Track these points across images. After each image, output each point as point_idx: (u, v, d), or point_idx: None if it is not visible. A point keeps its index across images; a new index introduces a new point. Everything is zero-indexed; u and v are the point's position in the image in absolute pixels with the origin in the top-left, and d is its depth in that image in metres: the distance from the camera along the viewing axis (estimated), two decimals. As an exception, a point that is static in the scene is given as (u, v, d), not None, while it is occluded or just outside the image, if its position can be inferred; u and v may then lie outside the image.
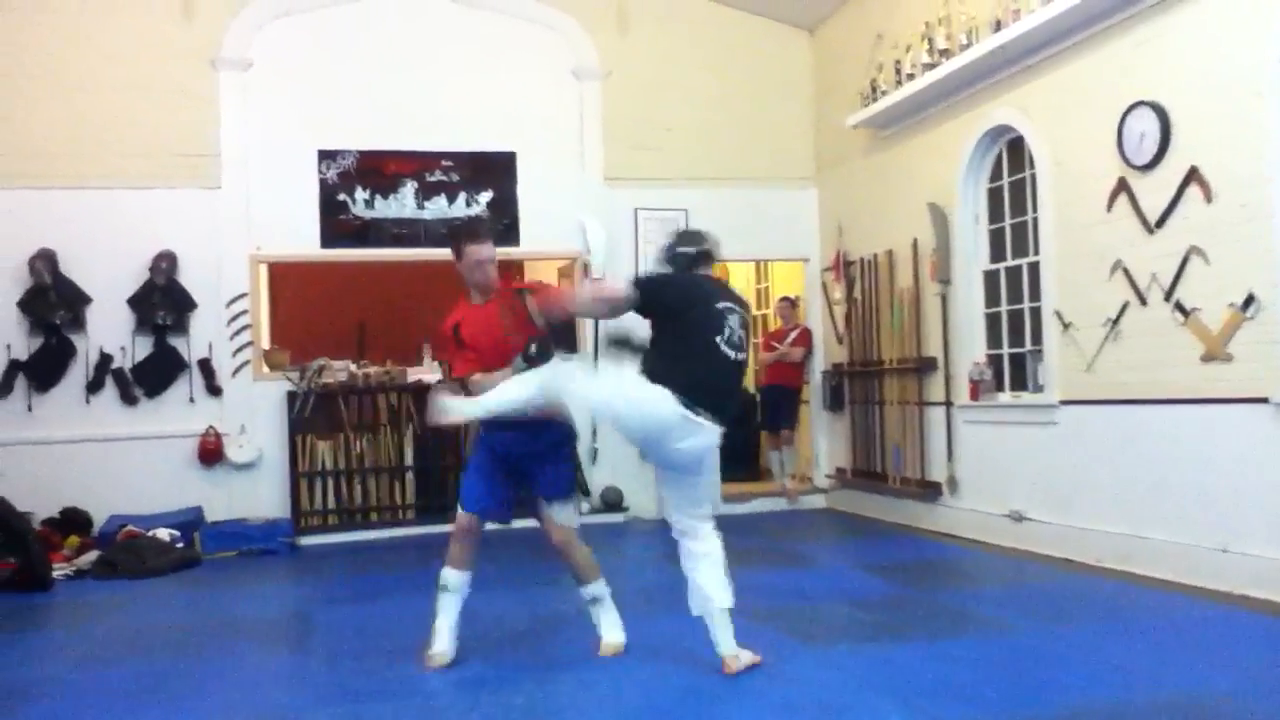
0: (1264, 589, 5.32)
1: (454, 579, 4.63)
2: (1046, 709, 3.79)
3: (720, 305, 4.30)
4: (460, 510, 4.68)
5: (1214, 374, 5.66)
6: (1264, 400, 5.36)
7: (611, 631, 4.74)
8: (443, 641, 4.64)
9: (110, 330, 8.58)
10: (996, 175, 7.68)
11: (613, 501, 9.33)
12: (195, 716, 4.09)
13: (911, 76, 7.99)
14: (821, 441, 10.06)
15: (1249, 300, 5.43)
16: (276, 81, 8.99)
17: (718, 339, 4.21)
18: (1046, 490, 6.97)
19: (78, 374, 8.53)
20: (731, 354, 4.23)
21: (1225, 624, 5.00)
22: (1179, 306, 5.86)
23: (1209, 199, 5.66)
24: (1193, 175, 5.75)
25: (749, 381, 12.10)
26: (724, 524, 4.44)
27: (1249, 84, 5.45)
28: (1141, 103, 6.05)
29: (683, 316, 4.22)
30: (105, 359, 8.56)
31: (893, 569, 6.57)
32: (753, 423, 10.71)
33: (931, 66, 7.73)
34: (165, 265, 8.61)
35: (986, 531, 7.52)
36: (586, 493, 9.24)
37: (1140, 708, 3.76)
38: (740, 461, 10.86)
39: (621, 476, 9.37)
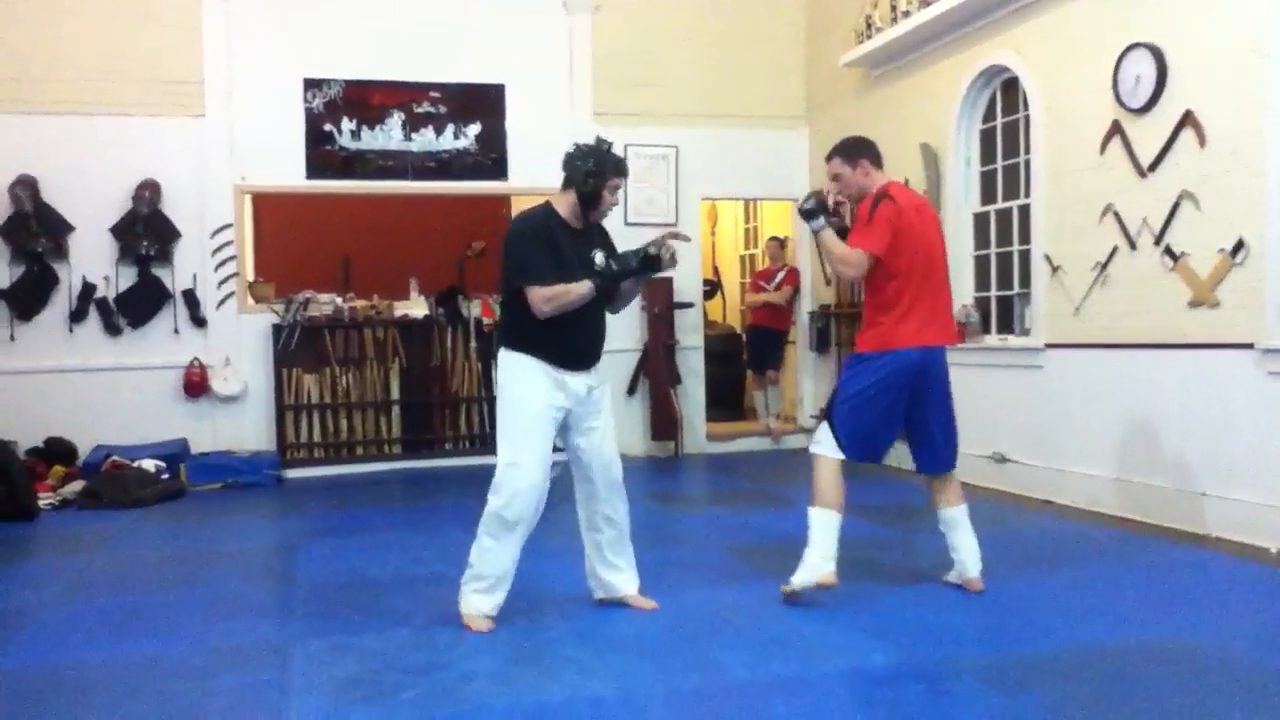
0: (1242, 533, 5.40)
1: None
2: (1026, 650, 3.84)
3: None
4: None
5: (1201, 319, 5.68)
6: (1249, 346, 5.38)
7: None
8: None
9: (93, 259, 8.48)
10: (989, 116, 7.62)
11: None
12: (183, 646, 4.11)
13: (908, 14, 7.89)
14: (807, 382, 10.09)
15: (1239, 246, 5.43)
16: (261, 8, 8.80)
17: None
18: (1030, 433, 7.02)
19: (60, 303, 8.45)
20: None
21: (1203, 568, 5.07)
22: (1169, 251, 5.85)
23: (1203, 144, 5.63)
24: (1187, 119, 5.71)
25: (735, 321, 12.18)
26: (710, 463, 4.45)
27: (1247, 35, 5.39)
28: (1138, 44, 5.99)
29: None
30: (88, 288, 8.47)
31: (875, 510, 6.61)
32: (739, 363, 10.79)
33: (928, 3, 7.63)
34: (148, 194, 8.49)
35: (969, 473, 7.52)
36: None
37: (1119, 650, 3.81)
38: (726, 401, 10.93)
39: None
